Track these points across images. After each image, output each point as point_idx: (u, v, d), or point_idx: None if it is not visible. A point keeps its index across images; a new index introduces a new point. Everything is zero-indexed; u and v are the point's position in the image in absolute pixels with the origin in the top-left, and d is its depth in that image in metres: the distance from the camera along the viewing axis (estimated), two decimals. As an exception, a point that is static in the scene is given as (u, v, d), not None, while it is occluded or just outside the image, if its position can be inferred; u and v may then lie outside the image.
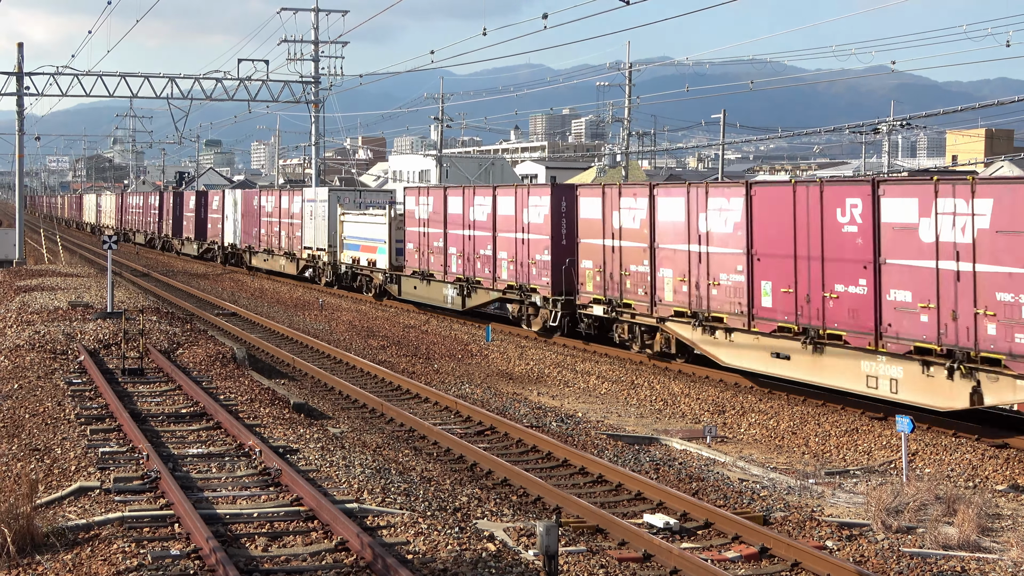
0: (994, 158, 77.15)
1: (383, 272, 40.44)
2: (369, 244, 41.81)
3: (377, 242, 40.87)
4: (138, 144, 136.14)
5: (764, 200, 22.53)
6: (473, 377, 26.09)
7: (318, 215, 47.30)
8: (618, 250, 27.09)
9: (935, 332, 18.49)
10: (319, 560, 11.43)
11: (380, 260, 40.79)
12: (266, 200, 55.36)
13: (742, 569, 12.89)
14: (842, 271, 20.33)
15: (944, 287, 18.34)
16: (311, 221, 48.38)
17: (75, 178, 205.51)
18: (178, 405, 19.40)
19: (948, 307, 18.27)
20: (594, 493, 16.00)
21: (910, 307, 18.97)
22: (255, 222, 56.62)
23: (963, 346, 18.05)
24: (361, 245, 42.51)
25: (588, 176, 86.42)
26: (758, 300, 22.60)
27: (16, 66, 54.01)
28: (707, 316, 24.06)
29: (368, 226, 42.06)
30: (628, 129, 68.30)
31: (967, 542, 13.84)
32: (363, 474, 14.88)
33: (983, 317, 17.69)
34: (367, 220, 42.36)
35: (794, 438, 19.94)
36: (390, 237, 39.85)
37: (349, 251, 43.82)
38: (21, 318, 29.83)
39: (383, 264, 40.45)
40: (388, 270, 39.94)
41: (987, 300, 17.64)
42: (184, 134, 77.08)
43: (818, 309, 20.89)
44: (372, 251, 41.49)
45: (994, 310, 17.53)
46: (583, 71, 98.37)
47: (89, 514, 12.81)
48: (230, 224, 61.22)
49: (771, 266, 22.23)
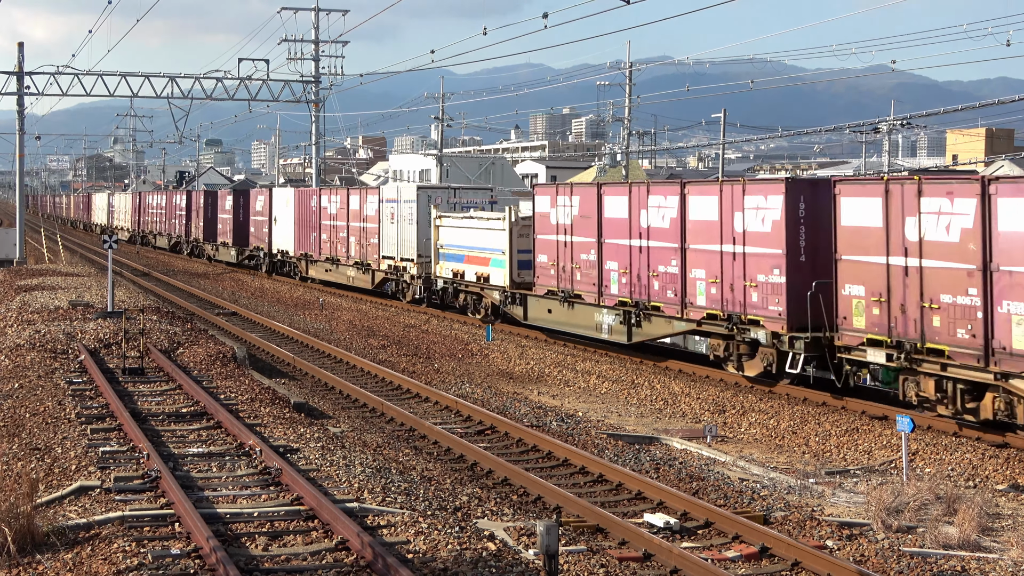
0: (995, 157, 77.15)
1: (500, 290, 32.57)
2: (479, 255, 33.79)
3: (491, 252, 33.04)
4: (138, 144, 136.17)
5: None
6: (473, 376, 26.09)
7: (403, 218, 39.47)
8: (918, 273, 19.44)
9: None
10: (319, 559, 11.43)
11: (496, 275, 32.90)
12: (330, 200, 46.87)
13: (742, 568, 12.89)
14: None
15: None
16: (392, 225, 40.46)
17: (75, 177, 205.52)
18: (178, 404, 19.41)
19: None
20: (594, 493, 16.00)
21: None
22: (313, 226, 48.38)
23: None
24: (466, 255, 34.52)
25: (588, 176, 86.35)
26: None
27: (16, 65, 54.03)
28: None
29: (478, 232, 34.01)
30: (628, 128, 68.32)
31: (967, 542, 13.84)
32: (363, 473, 14.88)
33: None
34: (476, 225, 34.29)
35: (794, 438, 19.94)
36: (511, 247, 32.06)
37: (448, 263, 35.74)
38: (22, 317, 29.85)
39: (499, 280, 32.64)
40: (508, 288, 32.07)
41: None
42: (184, 133, 77.36)
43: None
44: (482, 263, 33.54)
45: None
46: (583, 70, 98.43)
47: (89, 513, 12.82)
48: (281, 228, 52.67)
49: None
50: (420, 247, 38.08)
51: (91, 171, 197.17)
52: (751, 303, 23.19)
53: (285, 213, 52.00)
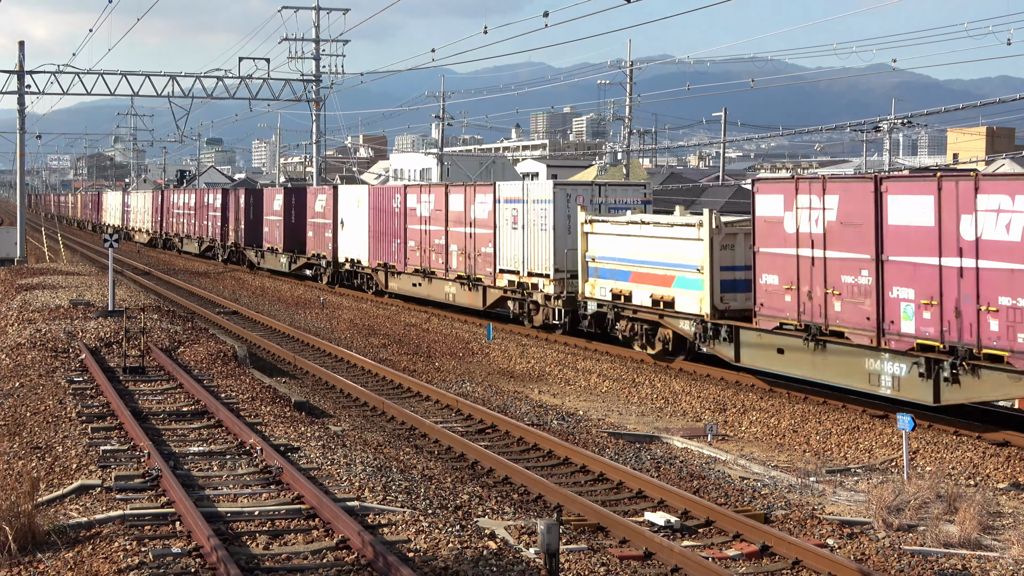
0: (995, 156, 77.13)
1: (693, 320, 25.16)
2: (654, 271, 26.51)
3: (677, 269, 25.76)
4: (139, 143, 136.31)
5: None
6: (474, 375, 26.10)
7: (532, 223, 31.67)
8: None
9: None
10: (320, 558, 11.44)
11: (684, 299, 25.52)
12: (420, 199, 38.45)
13: (743, 567, 12.89)
14: None
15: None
16: (515, 232, 32.55)
17: (76, 176, 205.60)
18: (179, 403, 19.41)
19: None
20: (595, 491, 16.00)
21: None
22: (395, 231, 40.18)
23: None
24: (633, 272, 27.32)
25: (589, 174, 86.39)
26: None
27: (17, 64, 54.07)
28: None
29: (653, 242, 26.65)
30: (629, 127, 68.30)
31: (968, 540, 13.84)
32: (364, 472, 14.88)
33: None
34: (651, 233, 26.80)
35: (795, 436, 19.94)
36: (712, 262, 24.69)
37: (605, 281, 28.42)
38: (22, 316, 29.86)
39: (691, 306, 25.23)
40: (707, 317, 24.65)
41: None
42: (185, 133, 77.22)
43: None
44: (661, 283, 26.31)
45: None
46: (584, 69, 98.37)
47: (90, 512, 12.82)
48: (351, 233, 44.19)
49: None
50: (559, 259, 30.42)
51: (92, 170, 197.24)
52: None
53: (356, 215, 43.48)
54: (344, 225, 44.78)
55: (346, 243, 44.83)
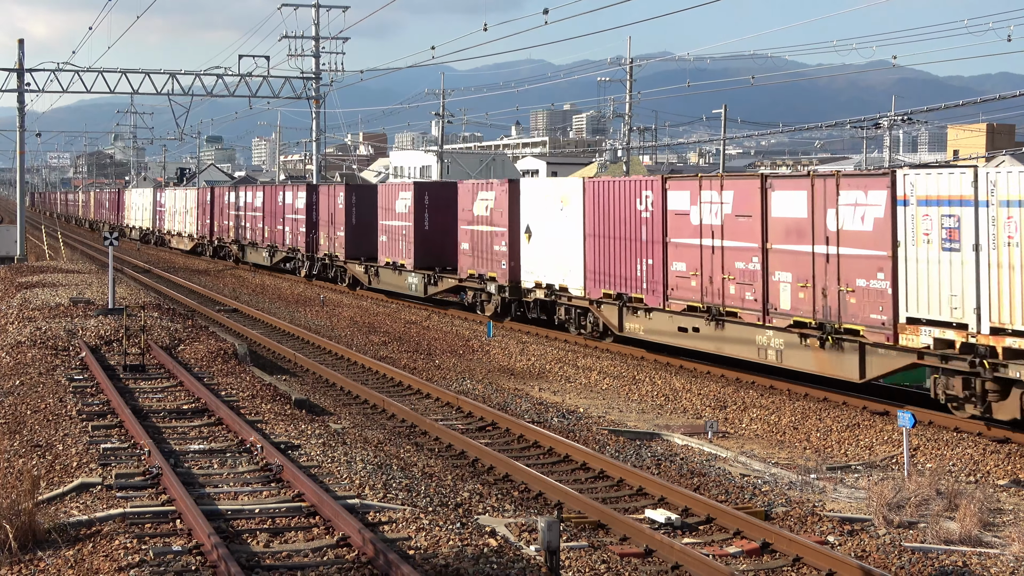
0: (995, 152, 77.11)
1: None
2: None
3: None
4: (139, 141, 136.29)
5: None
6: (474, 373, 26.09)
7: None
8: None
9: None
10: (320, 556, 11.44)
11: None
12: (698, 199, 24.59)
13: (744, 564, 12.89)
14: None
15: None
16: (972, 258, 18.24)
17: (76, 174, 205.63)
18: (179, 401, 19.42)
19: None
20: (595, 489, 16.01)
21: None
22: (645, 246, 26.45)
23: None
24: None
25: (590, 172, 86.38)
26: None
27: (17, 62, 54.07)
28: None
29: None
30: (629, 124, 68.29)
31: (968, 537, 13.84)
32: (364, 470, 14.88)
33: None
34: None
35: (795, 433, 19.94)
36: None
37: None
38: (22, 314, 29.86)
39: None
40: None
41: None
42: (185, 130, 77.17)
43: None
44: None
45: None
46: (584, 66, 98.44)
47: (91, 510, 12.83)
48: (543, 246, 30.80)
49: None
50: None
51: (91, 168, 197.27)
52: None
53: (557, 221, 30.14)
54: (531, 235, 31.29)
55: (536, 260, 31.24)
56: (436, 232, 37.90)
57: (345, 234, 44.19)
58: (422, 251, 38.35)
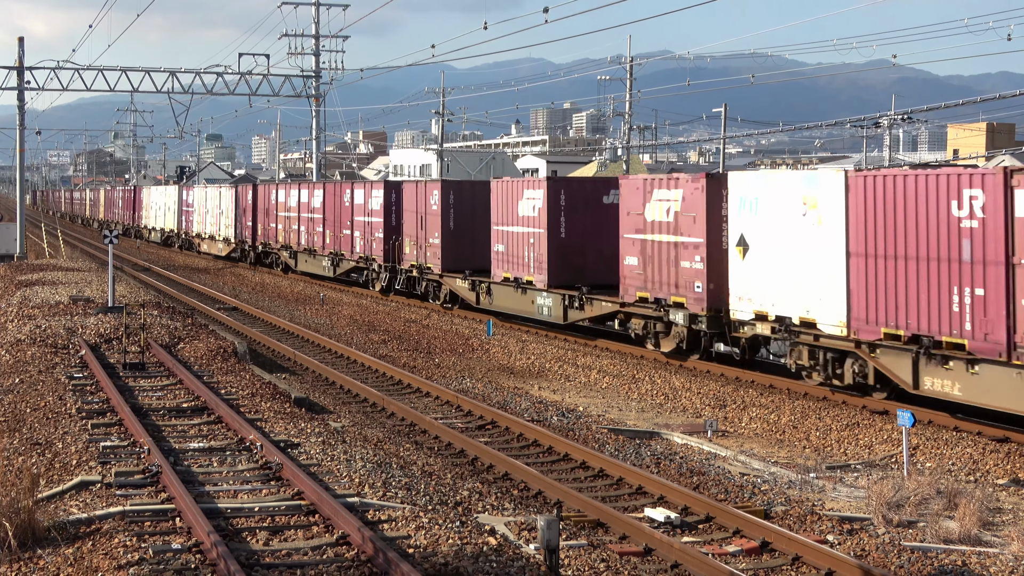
0: (995, 151, 77.13)
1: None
2: None
3: None
4: (139, 139, 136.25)
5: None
6: (474, 371, 26.09)
7: None
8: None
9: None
10: (320, 554, 11.44)
11: None
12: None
13: (743, 563, 12.89)
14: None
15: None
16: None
17: (76, 172, 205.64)
18: (179, 399, 19.42)
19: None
20: (595, 487, 16.01)
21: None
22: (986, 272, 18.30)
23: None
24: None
25: (589, 170, 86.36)
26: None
27: (17, 60, 54.06)
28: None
29: None
30: (629, 123, 68.29)
31: (968, 536, 13.84)
32: (364, 468, 14.88)
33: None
34: None
35: (795, 432, 19.94)
36: None
37: None
38: (22, 312, 29.86)
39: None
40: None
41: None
42: (185, 128, 77.05)
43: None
44: None
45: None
46: (584, 65, 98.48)
47: (90, 508, 12.83)
48: (771, 265, 22.80)
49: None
50: None
51: (91, 166, 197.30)
52: None
53: (796, 231, 22.14)
54: (749, 249, 23.41)
55: (755, 283, 23.35)
56: (575, 240, 30.58)
57: (441, 241, 35.88)
58: (558, 265, 30.46)
